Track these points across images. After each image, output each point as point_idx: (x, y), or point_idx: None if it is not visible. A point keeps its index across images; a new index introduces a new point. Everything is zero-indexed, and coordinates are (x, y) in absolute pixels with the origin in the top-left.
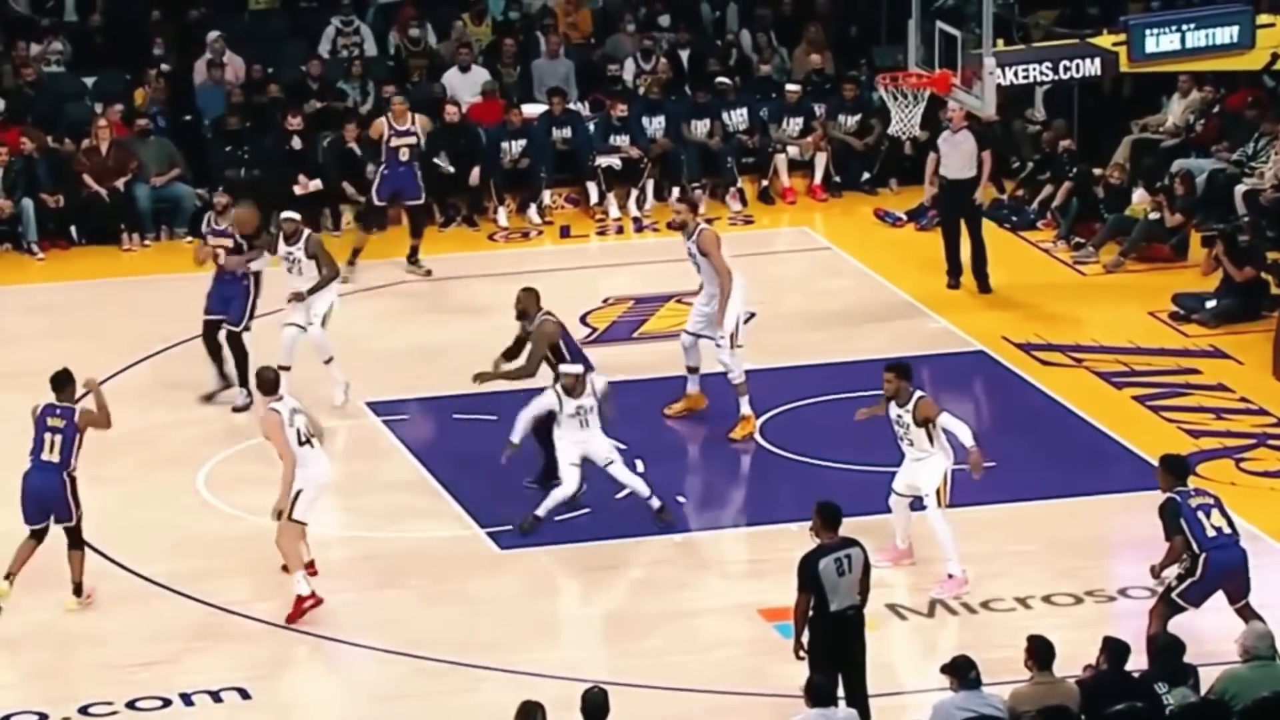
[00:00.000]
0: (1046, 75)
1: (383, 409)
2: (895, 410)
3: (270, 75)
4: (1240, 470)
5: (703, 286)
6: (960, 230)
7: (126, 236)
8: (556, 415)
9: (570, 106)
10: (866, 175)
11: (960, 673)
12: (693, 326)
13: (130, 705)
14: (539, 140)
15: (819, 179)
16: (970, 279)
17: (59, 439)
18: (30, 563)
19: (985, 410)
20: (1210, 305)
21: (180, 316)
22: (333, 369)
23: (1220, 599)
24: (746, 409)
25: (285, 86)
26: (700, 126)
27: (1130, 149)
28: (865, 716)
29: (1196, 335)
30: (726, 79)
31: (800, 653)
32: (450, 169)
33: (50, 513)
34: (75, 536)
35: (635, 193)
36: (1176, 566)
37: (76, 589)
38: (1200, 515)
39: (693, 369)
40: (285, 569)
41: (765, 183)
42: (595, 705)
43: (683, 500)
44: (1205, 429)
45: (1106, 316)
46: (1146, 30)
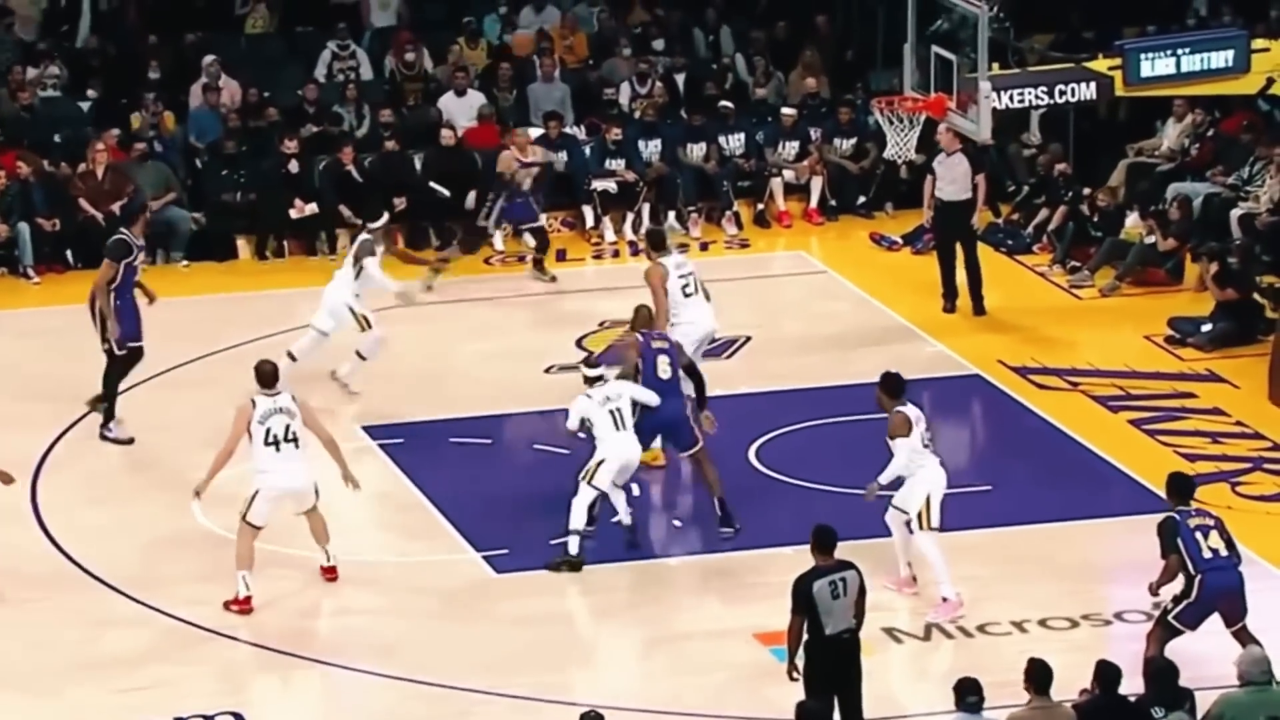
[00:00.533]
0: (1042, 99)
1: (379, 433)
2: None
3: (266, 99)
4: (1236, 494)
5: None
6: (956, 253)
7: None
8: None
9: (566, 130)
10: (862, 199)
11: (960, 695)
12: None
13: None
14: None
15: (815, 203)
16: (966, 301)
17: None
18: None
19: (981, 434)
20: (1206, 329)
21: (175, 340)
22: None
23: (1218, 622)
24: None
25: (282, 110)
26: (696, 150)
27: (1126, 173)
28: None
29: (1192, 359)
30: (728, 103)
31: (794, 674)
32: (445, 192)
33: None
34: None
35: (631, 216)
36: (1173, 588)
37: None
38: (1198, 536)
39: None
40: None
41: (761, 206)
42: None
43: (679, 524)
44: (1201, 453)
45: (1102, 340)
46: (1142, 55)
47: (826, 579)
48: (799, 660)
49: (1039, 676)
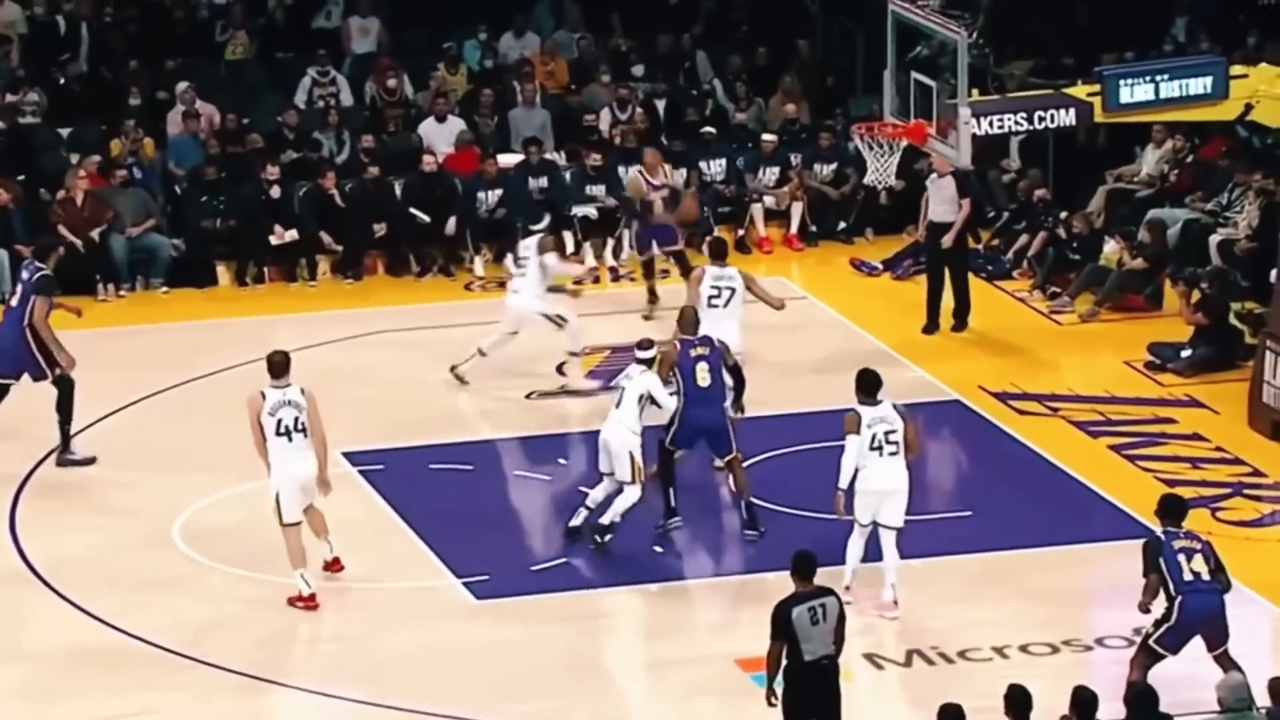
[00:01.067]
0: (1021, 125)
1: (359, 458)
2: None
3: (246, 125)
4: (1216, 520)
5: None
6: (944, 274)
7: (102, 287)
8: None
9: (547, 156)
10: (842, 225)
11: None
12: None
13: None
14: (515, 190)
15: (795, 228)
16: (948, 320)
17: None
18: None
19: (962, 459)
20: (1186, 354)
21: (155, 367)
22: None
23: (1200, 647)
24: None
25: (262, 136)
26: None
27: (1105, 199)
28: None
29: (1172, 384)
30: (711, 129)
31: (772, 700)
32: (426, 218)
33: None
34: None
35: (612, 242)
36: (1156, 611)
37: None
38: (1180, 558)
39: None
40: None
41: (741, 232)
42: None
43: (659, 550)
44: (1181, 478)
45: (1082, 366)
46: (1121, 81)
47: (806, 605)
48: (778, 686)
49: (1019, 703)
